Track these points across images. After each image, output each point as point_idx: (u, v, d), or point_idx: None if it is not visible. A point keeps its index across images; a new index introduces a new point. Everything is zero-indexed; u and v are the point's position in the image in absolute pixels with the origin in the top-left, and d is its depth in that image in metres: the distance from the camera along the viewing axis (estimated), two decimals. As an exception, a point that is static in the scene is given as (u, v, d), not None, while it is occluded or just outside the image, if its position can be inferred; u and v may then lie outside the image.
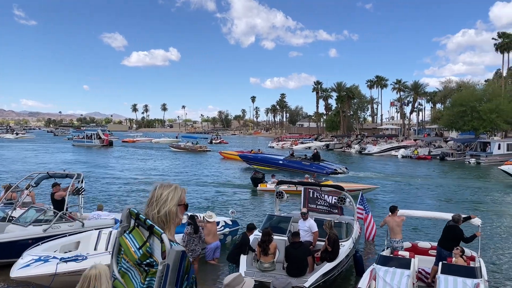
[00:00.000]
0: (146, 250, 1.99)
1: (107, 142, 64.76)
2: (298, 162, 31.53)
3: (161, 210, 2.08)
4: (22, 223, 10.08)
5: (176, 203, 2.12)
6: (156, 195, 2.11)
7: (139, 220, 2.09)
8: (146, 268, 1.97)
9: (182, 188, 2.19)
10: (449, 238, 8.85)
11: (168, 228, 2.10)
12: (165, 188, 2.14)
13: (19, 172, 27.93)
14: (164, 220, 2.09)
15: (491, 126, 47.79)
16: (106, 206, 15.63)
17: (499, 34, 64.05)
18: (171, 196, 2.10)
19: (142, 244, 2.02)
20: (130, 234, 2.11)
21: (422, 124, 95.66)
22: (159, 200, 2.10)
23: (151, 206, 2.11)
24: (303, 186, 12.21)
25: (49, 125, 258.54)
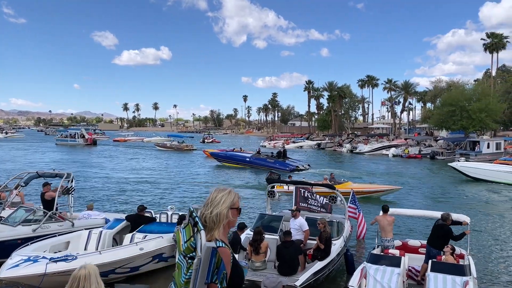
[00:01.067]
0: (190, 244, 2.19)
1: (90, 141, 64.43)
2: (264, 159, 32.93)
3: (213, 211, 2.28)
4: (11, 223, 9.96)
5: (228, 206, 2.32)
6: (212, 197, 2.33)
7: (191, 218, 2.27)
8: (190, 261, 2.17)
9: (236, 192, 2.39)
10: (438, 236, 8.93)
11: (218, 227, 2.27)
12: (220, 191, 2.35)
13: (8, 171, 27.62)
14: (215, 220, 2.26)
15: (481, 125, 48.33)
16: (96, 205, 15.51)
17: (488, 34, 64.68)
18: (224, 199, 2.31)
19: (188, 238, 2.22)
20: (184, 229, 2.30)
21: (412, 123, 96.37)
22: (213, 202, 2.31)
23: (206, 207, 2.32)
24: (294, 185, 12.24)
25: (39, 124, 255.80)
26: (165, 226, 10.35)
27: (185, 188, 22.93)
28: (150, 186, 23.41)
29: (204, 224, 2.24)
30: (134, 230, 10.00)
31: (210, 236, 2.23)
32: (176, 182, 25.14)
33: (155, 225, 10.38)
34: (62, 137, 67.54)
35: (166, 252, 9.51)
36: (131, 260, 8.74)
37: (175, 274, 2.37)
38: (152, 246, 9.17)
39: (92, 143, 64.22)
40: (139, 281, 9.05)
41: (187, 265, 2.19)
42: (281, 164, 31.55)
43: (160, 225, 10.61)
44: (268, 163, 31.92)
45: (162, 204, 17.95)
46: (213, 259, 2.04)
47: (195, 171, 31.68)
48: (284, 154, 34.11)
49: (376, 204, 17.77)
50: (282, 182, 12.16)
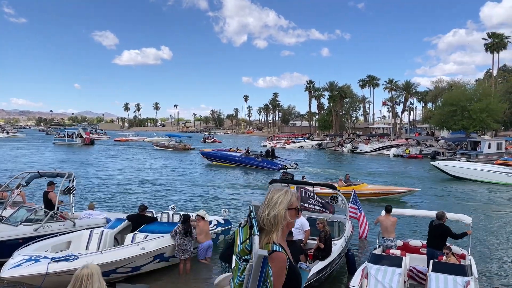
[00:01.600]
0: (245, 246, 2.11)
1: (88, 140, 64.39)
2: (252, 158, 33.58)
3: (271, 212, 2.20)
4: (13, 223, 9.97)
5: (286, 207, 2.23)
6: (268, 198, 2.25)
7: (249, 218, 2.23)
8: (244, 263, 2.10)
9: (293, 192, 2.30)
10: (436, 236, 8.93)
11: (276, 230, 2.20)
12: (277, 192, 2.27)
13: (9, 171, 27.65)
14: (273, 222, 2.19)
15: (481, 125, 48.31)
16: (96, 205, 15.52)
17: (489, 34, 64.64)
18: (281, 200, 2.22)
19: (244, 240, 2.15)
20: (242, 228, 2.25)
21: (413, 123, 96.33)
22: (270, 203, 2.23)
23: (263, 208, 2.25)
24: (295, 185, 12.24)
25: (40, 124, 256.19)
26: (166, 226, 10.36)
27: (185, 188, 22.93)
28: (149, 186, 23.41)
29: (262, 227, 2.18)
30: (135, 230, 10.01)
31: (268, 239, 2.17)
32: (175, 182, 25.15)
33: (156, 225, 10.38)
34: (59, 136, 67.48)
35: (167, 252, 9.52)
36: (132, 260, 8.75)
37: (233, 270, 2.32)
38: (153, 246, 9.18)
39: (90, 142, 64.22)
40: (140, 281, 9.06)
41: (241, 267, 2.13)
42: (269, 163, 32.29)
43: (161, 225, 10.61)
44: (256, 162, 32.70)
45: (162, 203, 17.96)
46: (264, 268, 1.96)
47: (193, 171, 31.69)
48: (273, 154, 34.81)
49: (378, 205, 17.77)
50: (284, 182, 12.13)
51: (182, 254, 9.47)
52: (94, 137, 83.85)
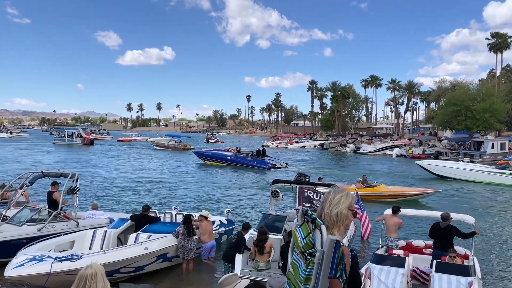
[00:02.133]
0: (309, 240, 2.24)
1: (88, 140, 64.72)
2: (243, 157, 34.47)
3: (333, 210, 2.36)
4: (16, 223, 10.02)
5: (347, 207, 2.39)
6: (331, 197, 2.41)
7: (307, 216, 2.35)
8: (309, 257, 2.22)
9: (352, 195, 2.49)
10: (444, 237, 8.87)
11: (338, 227, 2.37)
12: (338, 192, 2.44)
13: (13, 171, 27.75)
14: (335, 219, 2.35)
15: (485, 125, 48.12)
16: (100, 205, 15.58)
17: (492, 34, 64.43)
18: (343, 200, 2.39)
19: (306, 235, 2.28)
20: (300, 228, 2.37)
21: (416, 123, 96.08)
22: (332, 202, 2.39)
23: (325, 206, 2.40)
24: (298, 185, 12.23)
25: (43, 124, 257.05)
26: (169, 226, 10.38)
27: (186, 188, 22.96)
28: (151, 186, 23.45)
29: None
30: (138, 230, 10.04)
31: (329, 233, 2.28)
32: (176, 182, 25.18)
33: (159, 225, 10.41)
34: (59, 136, 67.71)
35: (171, 252, 9.54)
36: (135, 259, 8.77)
37: (289, 275, 2.42)
38: (156, 246, 9.20)
39: (90, 142, 64.51)
40: (144, 280, 9.09)
41: (306, 262, 2.23)
42: (259, 162, 33.17)
43: (164, 225, 10.64)
44: (247, 161, 33.60)
45: (164, 203, 18.00)
46: (337, 252, 2.07)
47: (193, 171, 31.72)
48: (263, 153, 35.59)
49: (381, 206, 17.75)
50: (286, 182, 12.13)
51: (186, 254, 9.49)
52: (98, 137, 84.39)
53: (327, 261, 2.04)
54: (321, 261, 2.05)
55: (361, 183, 19.30)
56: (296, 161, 42.48)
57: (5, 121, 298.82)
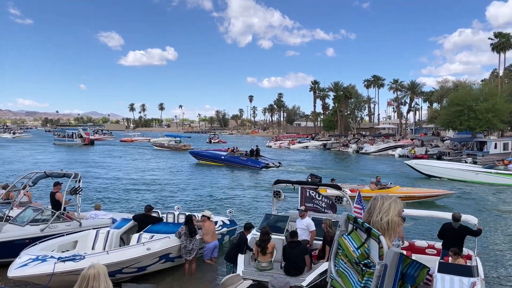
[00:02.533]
0: (364, 250, 2.16)
1: (88, 141, 65.01)
2: (237, 157, 35.09)
3: (383, 218, 2.27)
4: (19, 223, 10.05)
5: (397, 214, 2.31)
6: (379, 204, 2.32)
7: (356, 224, 2.28)
8: (364, 268, 2.13)
9: (401, 201, 2.38)
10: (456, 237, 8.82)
11: (389, 235, 2.26)
12: (387, 199, 2.34)
13: (16, 171, 27.84)
14: (386, 227, 2.26)
15: (488, 125, 47.97)
16: (103, 205, 15.60)
17: (495, 34, 64.24)
18: (393, 207, 2.30)
19: (360, 245, 2.20)
20: (349, 236, 2.30)
21: (419, 123, 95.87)
22: (381, 209, 2.29)
23: (374, 213, 2.30)
24: (300, 185, 12.23)
25: (46, 125, 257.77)
26: (172, 226, 10.39)
27: (186, 188, 22.98)
28: (153, 186, 23.49)
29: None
30: (141, 230, 10.05)
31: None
32: (177, 182, 25.21)
33: (162, 225, 10.41)
34: (60, 137, 68.02)
35: (173, 252, 9.55)
36: (138, 260, 8.78)
37: (334, 283, 2.33)
38: (159, 246, 9.21)
39: (90, 143, 64.77)
40: (146, 281, 9.10)
41: (361, 273, 2.13)
42: (252, 162, 33.82)
43: (167, 225, 10.64)
44: (241, 161, 34.24)
45: (166, 203, 18.02)
46: (400, 266, 1.96)
47: (193, 171, 31.73)
48: (257, 153, 35.99)
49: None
50: (288, 182, 12.12)
51: (189, 255, 9.50)
52: (100, 138, 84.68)
53: (390, 275, 1.93)
54: (383, 275, 1.94)
55: (374, 184, 19.14)
56: (298, 161, 42.47)
57: (8, 121, 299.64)
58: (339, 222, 2.39)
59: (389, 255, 1.94)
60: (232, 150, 37.59)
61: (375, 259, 2.05)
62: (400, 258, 1.95)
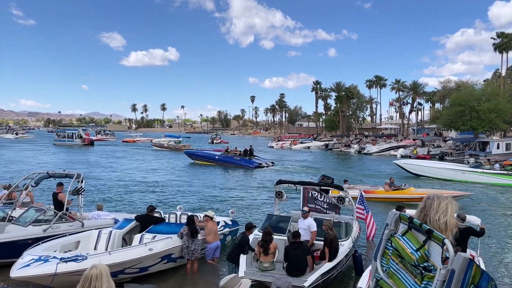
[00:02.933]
0: (424, 253, 2.09)
1: (88, 141, 65.24)
2: (231, 157, 35.69)
3: (441, 218, 2.23)
4: (22, 223, 10.08)
5: (453, 214, 2.26)
6: (436, 204, 2.27)
7: (412, 224, 2.21)
8: (423, 271, 2.07)
9: (455, 201, 2.34)
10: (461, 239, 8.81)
11: (447, 236, 2.18)
12: (443, 199, 2.30)
13: (18, 172, 27.91)
14: (443, 227, 2.22)
15: (490, 125, 47.84)
16: (105, 205, 15.62)
17: (498, 34, 64.16)
18: (450, 207, 2.26)
19: (419, 247, 2.13)
20: (404, 236, 2.23)
21: (421, 123, 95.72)
22: (438, 209, 2.25)
23: (430, 213, 2.26)
24: (302, 186, 12.23)
25: (48, 125, 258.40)
26: (174, 227, 10.39)
27: (187, 188, 22.99)
28: (155, 186, 23.51)
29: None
30: (143, 230, 10.07)
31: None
32: (177, 183, 25.23)
33: (164, 226, 10.42)
34: (60, 137, 68.35)
35: (175, 253, 9.56)
36: (140, 260, 8.79)
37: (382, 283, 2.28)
38: (161, 247, 9.22)
39: (90, 143, 65.02)
40: (148, 281, 9.10)
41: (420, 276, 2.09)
42: (246, 162, 34.38)
43: (169, 225, 10.65)
44: (234, 161, 34.88)
45: (169, 204, 18.03)
46: (469, 272, 1.88)
47: (193, 171, 31.76)
48: (251, 153, 36.49)
49: (386, 206, 17.70)
50: (290, 182, 12.12)
51: (191, 255, 9.50)
52: (103, 138, 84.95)
53: (457, 282, 1.86)
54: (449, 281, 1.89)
55: (388, 186, 18.92)
56: (300, 161, 42.44)
57: (10, 122, 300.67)
58: (387, 220, 2.35)
59: (458, 261, 1.88)
60: (226, 150, 38.19)
61: (437, 262, 2.01)
62: (469, 264, 1.88)
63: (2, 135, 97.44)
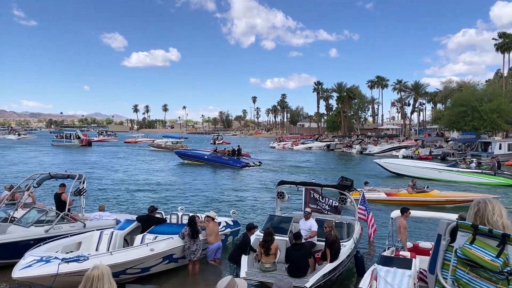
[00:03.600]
0: (506, 257, 2.14)
1: (85, 142, 65.83)
2: (219, 157, 36.91)
3: (499, 220, 2.32)
4: (24, 224, 10.10)
5: (506, 216, 2.36)
6: (490, 207, 2.36)
7: (479, 231, 2.23)
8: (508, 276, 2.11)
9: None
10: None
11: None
12: (495, 202, 2.40)
13: (19, 173, 27.97)
14: (501, 229, 2.29)
15: (492, 126, 47.75)
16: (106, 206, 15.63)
17: (499, 34, 64.10)
18: (503, 210, 2.37)
19: (499, 252, 2.16)
20: (474, 245, 2.24)
21: (423, 124, 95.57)
22: (494, 212, 2.34)
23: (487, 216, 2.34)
24: (304, 187, 12.22)
25: (50, 126, 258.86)
26: (175, 227, 10.40)
27: (187, 189, 23.01)
28: (156, 187, 23.53)
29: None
30: (144, 230, 10.09)
31: None
32: (178, 183, 25.25)
33: (165, 226, 10.44)
34: (58, 138, 68.83)
35: (176, 253, 9.57)
36: (141, 260, 8.80)
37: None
38: (162, 247, 9.23)
39: (87, 144, 65.65)
40: (150, 282, 9.11)
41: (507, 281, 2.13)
42: (233, 161, 35.60)
43: (170, 226, 10.67)
44: (222, 160, 36.06)
45: (170, 204, 18.04)
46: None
47: (193, 171, 31.78)
48: (238, 152, 37.74)
49: (388, 207, 17.66)
50: (292, 183, 12.10)
51: (192, 255, 9.51)
52: (105, 139, 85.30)
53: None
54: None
55: (411, 188, 18.66)
56: (302, 162, 42.42)
57: (12, 123, 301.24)
58: (438, 231, 2.40)
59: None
60: (215, 150, 39.56)
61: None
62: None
63: (5, 136, 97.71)
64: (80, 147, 63.24)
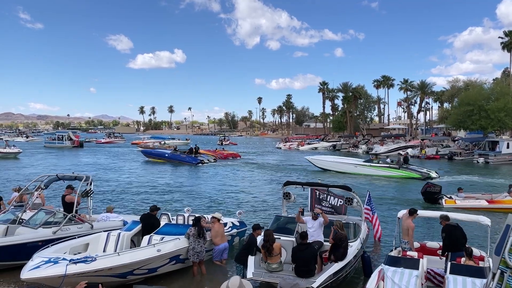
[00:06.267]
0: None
1: (77, 143, 67.43)
2: (178, 155, 41.10)
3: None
4: (32, 226, 10.18)
5: None
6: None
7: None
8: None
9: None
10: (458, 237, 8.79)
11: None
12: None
13: (28, 175, 28.18)
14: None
15: (500, 125, 47.43)
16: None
17: (506, 33, 63.64)
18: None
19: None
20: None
21: (429, 123, 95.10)
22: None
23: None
24: (310, 187, 12.20)
25: (57, 128, 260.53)
26: (181, 228, 10.44)
27: (188, 190, 23.06)
28: (157, 188, 23.60)
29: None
30: (145, 229, 10.24)
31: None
32: (181, 184, 25.31)
33: (172, 227, 10.49)
34: (50, 139, 70.09)
35: (183, 254, 9.60)
36: (148, 261, 8.84)
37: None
38: (169, 248, 9.27)
39: (79, 145, 67.16)
40: (157, 282, 9.14)
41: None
42: (190, 158, 39.45)
43: (177, 227, 10.71)
44: (181, 158, 40.02)
45: (173, 206, 18.09)
46: None
47: (193, 172, 31.84)
48: (196, 151, 42.05)
49: (389, 207, 17.58)
50: (298, 184, 12.10)
51: (196, 256, 9.53)
52: (112, 141, 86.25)
53: None
54: None
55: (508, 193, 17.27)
56: (308, 162, 42.28)
57: (20, 125, 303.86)
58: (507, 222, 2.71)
59: None
60: (175, 149, 43.96)
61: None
62: None
63: (14, 138, 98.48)
64: (72, 148, 64.82)
